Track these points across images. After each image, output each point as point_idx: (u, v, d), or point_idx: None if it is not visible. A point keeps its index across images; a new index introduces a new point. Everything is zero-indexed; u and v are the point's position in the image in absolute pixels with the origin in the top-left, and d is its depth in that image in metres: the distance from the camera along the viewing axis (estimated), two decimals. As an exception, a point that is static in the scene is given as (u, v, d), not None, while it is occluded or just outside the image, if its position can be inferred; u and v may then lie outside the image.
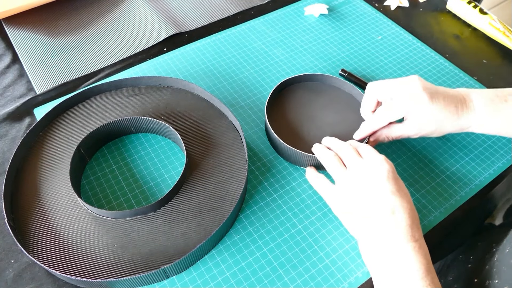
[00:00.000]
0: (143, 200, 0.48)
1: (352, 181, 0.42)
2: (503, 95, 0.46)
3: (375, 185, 0.41)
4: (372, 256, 0.40)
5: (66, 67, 0.63)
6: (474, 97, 0.46)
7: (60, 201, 0.46)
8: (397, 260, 0.37)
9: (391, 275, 0.38)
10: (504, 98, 0.46)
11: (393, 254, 0.38)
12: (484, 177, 0.52)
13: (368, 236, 0.40)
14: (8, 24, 0.68)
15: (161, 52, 0.65)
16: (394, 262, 0.38)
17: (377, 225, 0.39)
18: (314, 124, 0.55)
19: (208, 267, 0.44)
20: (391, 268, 0.38)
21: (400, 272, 0.37)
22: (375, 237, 0.39)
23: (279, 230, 0.47)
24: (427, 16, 0.74)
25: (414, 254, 0.37)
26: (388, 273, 0.38)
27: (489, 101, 0.46)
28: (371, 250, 0.40)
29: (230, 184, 0.48)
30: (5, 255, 0.44)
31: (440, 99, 0.45)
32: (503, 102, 0.46)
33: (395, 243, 0.38)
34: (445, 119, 0.46)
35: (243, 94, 0.60)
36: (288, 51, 0.66)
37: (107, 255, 0.42)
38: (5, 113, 0.56)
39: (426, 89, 0.45)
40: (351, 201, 0.42)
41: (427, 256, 0.38)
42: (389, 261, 0.38)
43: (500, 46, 0.69)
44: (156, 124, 0.52)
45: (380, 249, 0.39)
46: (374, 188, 0.41)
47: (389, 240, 0.38)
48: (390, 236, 0.38)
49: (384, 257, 0.38)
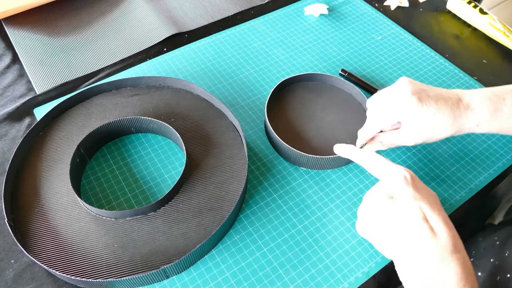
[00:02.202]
0: (143, 200, 0.48)
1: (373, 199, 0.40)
2: (500, 93, 0.45)
3: (397, 196, 0.39)
4: (411, 275, 0.37)
5: (66, 67, 0.63)
6: (471, 97, 0.45)
7: (60, 201, 0.46)
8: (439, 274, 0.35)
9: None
10: (502, 96, 0.45)
11: (436, 270, 0.35)
12: (484, 177, 0.52)
13: (404, 255, 0.37)
14: (8, 24, 0.68)
15: (161, 52, 0.65)
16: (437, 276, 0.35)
17: (412, 239, 0.36)
18: (314, 124, 0.55)
19: (208, 267, 0.44)
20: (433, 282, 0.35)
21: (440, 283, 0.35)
22: (412, 253, 0.36)
23: (279, 230, 0.47)
24: (427, 16, 0.74)
25: (455, 265, 0.35)
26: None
27: (487, 101, 0.44)
28: (410, 269, 0.37)
29: (230, 184, 0.48)
30: (5, 255, 0.44)
31: (431, 103, 0.43)
32: (501, 101, 0.44)
33: (438, 259, 0.35)
34: (440, 123, 0.44)
35: (243, 94, 0.60)
36: (288, 51, 0.66)
37: (107, 255, 0.42)
38: (5, 113, 0.56)
39: (415, 93, 0.43)
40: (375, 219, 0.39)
41: (467, 267, 0.35)
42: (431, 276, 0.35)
43: (500, 46, 0.69)
44: (156, 124, 0.52)
45: (421, 268, 0.36)
46: (397, 198, 0.38)
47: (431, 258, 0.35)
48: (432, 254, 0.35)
49: (426, 275, 0.35)
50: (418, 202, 0.37)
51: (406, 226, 0.37)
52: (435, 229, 0.36)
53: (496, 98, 0.45)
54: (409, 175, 0.39)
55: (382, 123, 0.46)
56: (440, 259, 0.35)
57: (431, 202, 0.38)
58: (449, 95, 0.44)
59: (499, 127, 0.46)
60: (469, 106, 0.44)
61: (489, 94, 0.45)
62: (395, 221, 0.37)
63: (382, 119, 0.46)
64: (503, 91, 0.45)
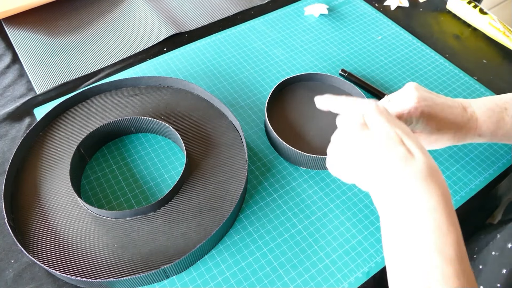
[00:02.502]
0: (143, 200, 0.48)
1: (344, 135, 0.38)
2: (501, 103, 0.45)
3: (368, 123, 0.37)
4: (390, 201, 0.35)
5: (66, 67, 0.63)
6: (475, 108, 0.44)
7: (60, 201, 0.46)
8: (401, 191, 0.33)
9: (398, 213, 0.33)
10: (504, 106, 0.45)
11: (417, 190, 0.33)
12: (484, 177, 0.52)
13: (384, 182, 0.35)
14: (8, 24, 0.68)
15: (161, 52, 0.65)
16: (418, 196, 0.33)
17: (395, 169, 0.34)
18: (314, 124, 0.55)
19: (208, 267, 0.44)
20: (399, 204, 0.33)
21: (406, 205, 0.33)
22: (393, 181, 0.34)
23: (279, 230, 0.47)
24: (427, 16, 0.74)
25: (436, 184, 0.33)
26: (397, 212, 0.33)
27: (490, 112, 0.44)
28: (388, 195, 0.35)
29: (230, 184, 0.48)
30: (5, 255, 0.44)
31: (437, 111, 0.42)
32: (503, 111, 0.44)
33: (418, 178, 0.33)
34: (443, 133, 0.43)
35: (243, 94, 0.60)
36: (288, 51, 0.66)
37: (107, 255, 0.42)
38: (5, 113, 0.56)
39: (422, 100, 0.42)
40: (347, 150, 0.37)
41: (446, 187, 0.33)
42: (412, 197, 0.33)
43: (500, 46, 0.69)
44: (156, 124, 0.52)
45: (401, 190, 0.34)
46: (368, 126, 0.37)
47: (411, 178, 0.33)
48: (413, 174, 0.33)
49: (407, 197, 0.33)
50: (394, 128, 0.36)
51: (382, 149, 0.35)
52: (412, 152, 0.34)
53: (498, 108, 0.44)
54: (382, 106, 0.38)
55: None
56: (418, 180, 0.33)
57: (406, 129, 0.36)
58: (454, 104, 0.44)
59: (501, 137, 0.46)
60: (472, 117, 0.44)
61: (491, 105, 0.45)
62: (371, 146, 0.36)
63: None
64: (504, 101, 0.45)
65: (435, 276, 0.31)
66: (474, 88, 0.62)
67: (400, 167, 0.34)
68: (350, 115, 0.39)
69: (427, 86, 0.62)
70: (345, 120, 0.39)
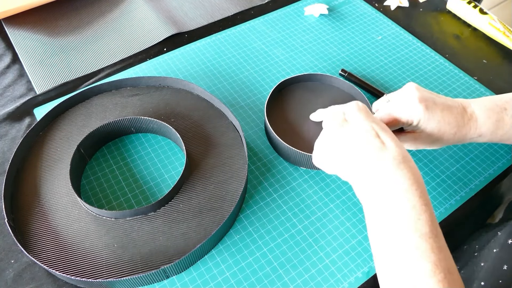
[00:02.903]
0: (143, 200, 0.48)
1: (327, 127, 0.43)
2: (501, 103, 0.45)
3: (349, 119, 0.42)
4: (366, 189, 0.38)
5: (66, 67, 0.63)
6: (474, 107, 0.45)
7: (60, 201, 0.46)
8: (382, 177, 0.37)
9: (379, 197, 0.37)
10: (503, 106, 0.45)
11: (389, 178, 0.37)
12: (484, 177, 0.52)
13: (361, 172, 0.39)
14: (8, 24, 0.68)
15: (161, 52, 0.65)
16: (391, 183, 0.36)
17: (369, 159, 0.38)
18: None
19: (208, 267, 0.44)
20: (380, 191, 0.37)
21: (387, 189, 0.36)
22: (368, 170, 0.38)
23: (279, 230, 0.47)
24: (427, 16, 0.74)
25: (406, 172, 0.36)
26: (378, 197, 0.37)
27: (490, 112, 0.44)
28: (365, 183, 0.39)
29: (230, 184, 0.48)
30: (5, 255, 0.44)
31: (437, 111, 0.43)
32: (503, 111, 0.45)
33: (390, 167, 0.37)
34: (444, 132, 0.44)
35: (243, 94, 0.60)
36: (288, 51, 0.66)
37: (107, 255, 0.42)
38: (5, 113, 0.56)
39: (423, 100, 0.43)
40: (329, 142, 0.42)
41: (416, 174, 0.37)
42: (385, 184, 0.37)
43: (500, 46, 0.69)
44: (156, 124, 0.52)
45: (375, 178, 0.37)
46: (349, 121, 0.42)
47: (384, 167, 0.37)
48: (385, 164, 0.37)
49: (380, 184, 0.37)
50: (370, 123, 0.40)
51: (361, 142, 0.39)
52: (385, 143, 0.38)
53: (498, 109, 0.45)
54: (362, 105, 0.43)
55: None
56: (392, 167, 0.37)
57: (381, 124, 0.41)
58: (454, 105, 0.45)
59: (500, 137, 0.46)
60: (472, 117, 0.45)
61: (491, 105, 0.45)
62: (350, 139, 0.40)
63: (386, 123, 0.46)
64: (504, 101, 0.46)
65: (412, 251, 0.34)
66: (474, 88, 0.62)
67: (376, 156, 0.38)
68: (333, 113, 0.44)
69: (427, 86, 0.62)
70: (329, 117, 0.44)
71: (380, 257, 0.36)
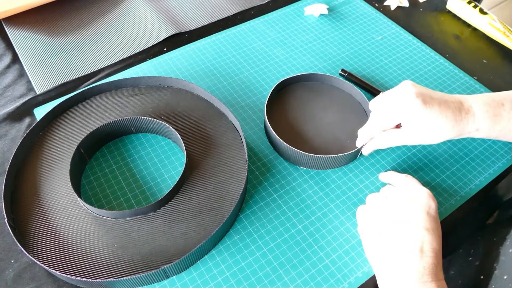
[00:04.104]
0: (143, 200, 0.48)
1: (388, 204, 0.43)
2: (499, 99, 0.46)
3: (411, 215, 0.41)
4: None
5: (66, 67, 0.63)
6: (472, 102, 0.45)
7: (60, 201, 0.46)
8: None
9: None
10: (501, 102, 0.45)
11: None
12: (484, 177, 0.52)
13: (389, 267, 0.40)
14: (8, 24, 0.68)
15: (161, 52, 0.65)
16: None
17: (402, 258, 0.39)
18: (314, 124, 0.55)
19: (208, 267, 0.44)
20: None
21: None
22: (396, 270, 0.39)
23: (279, 230, 0.47)
24: (427, 16, 0.74)
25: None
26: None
27: (487, 107, 0.45)
28: (389, 281, 0.39)
29: (230, 184, 0.48)
30: (5, 255, 0.44)
31: (434, 105, 0.43)
32: (500, 106, 0.45)
33: (418, 280, 0.37)
34: (441, 126, 0.44)
35: (243, 94, 0.60)
36: (288, 51, 0.66)
37: (107, 255, 0.42)
38: (5, 113, 0.56)
39: (420, 95, 0.44)
40: (380, 224, 0.42)
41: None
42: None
43: (500, 46, 0.69)
44: (156, 124, 0.52)
45: (400, 283, 0.38)
46: (409, 218, 0.41)
47: (412, 276, 0.38)
48: (414, 273, 0.38)
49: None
50: (424, 233, 0.40)
51: (402, 249, 0.40)
52: (424, 254, 0.39)
53: (496, 104, 0.45)
54: (434, 205, 0.42)
55: (384, 124, 0.46)
56: (421, 280, 0.37)
57: (435, 235, 0.40)
58: (451, 100, 0.45)
59: (498, 133, 0.46)
60: (469, 111, 0.45)
61: (488, 100, 0.46)
62: (397, 240, 0.40)
63: (384, 120, 0.46)
64: (502, 97, 0.46)
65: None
66: (474, 88, 0.62)
67: (408, 265, 0.39)
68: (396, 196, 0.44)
69: (427, 86, 0.62)
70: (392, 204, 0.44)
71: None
